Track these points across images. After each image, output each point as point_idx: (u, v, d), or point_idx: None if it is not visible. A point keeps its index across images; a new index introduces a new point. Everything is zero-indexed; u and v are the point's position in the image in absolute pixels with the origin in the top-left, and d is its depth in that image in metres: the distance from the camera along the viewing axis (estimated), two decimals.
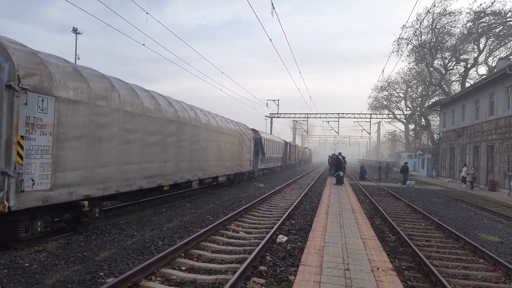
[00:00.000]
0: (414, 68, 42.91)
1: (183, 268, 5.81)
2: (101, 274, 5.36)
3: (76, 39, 29.46)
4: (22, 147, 5.67)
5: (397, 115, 56.05)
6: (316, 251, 6.30)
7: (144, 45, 14.07)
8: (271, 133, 46.64)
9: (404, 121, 56.43)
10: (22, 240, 6.20)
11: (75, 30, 29.53)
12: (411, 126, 57.18)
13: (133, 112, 8.71)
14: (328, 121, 49.49)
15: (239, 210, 10.57)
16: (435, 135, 44.07)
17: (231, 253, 6.86)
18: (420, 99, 51.65)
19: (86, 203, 7.04)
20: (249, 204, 11.82)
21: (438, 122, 43.12)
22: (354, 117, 48.03)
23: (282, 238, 7.76)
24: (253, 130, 24.24)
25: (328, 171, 32.17)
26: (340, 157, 21.82)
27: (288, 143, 42.11)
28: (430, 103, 46.34)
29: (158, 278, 5.31)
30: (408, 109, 56.89)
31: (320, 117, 50.57)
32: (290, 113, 51.29)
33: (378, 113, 58.30)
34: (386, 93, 57.48)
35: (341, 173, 20.78)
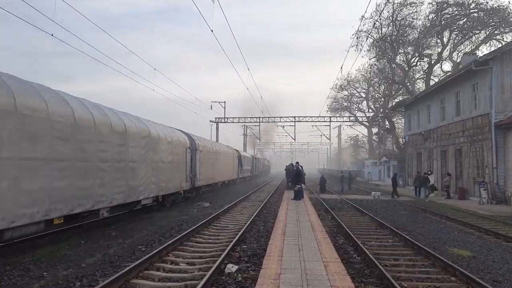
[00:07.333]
0: (375, 65, 45.11)
1: None
2: None
3: None
4: (200, 167, 23.30)
5: (359, 117, 58.56)
6: (272, 281, 6.32)
7: (53, 35, 13.39)
8: (217, 140, 46.90)
9: (367, 124, 59.00)
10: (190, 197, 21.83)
11: None
12: (375, 130, 59.96)
13: (214, 151, 27.19)
14: (283, 126, 50.61)
15: (180, 237, 10.36)
16: (400, 139, 46.56)
17: None
18: (383, 99, 54.35)
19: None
20: (191, 229, 11.64)
21: (403, 125, 45.57)
22: (312, 121, 49.41)
23: (231, 268, 7.71)
24: (236, 150, 40.94)
25: (285, 184, 32.69)
26: (299, 167, 22.36)
27: (254, 157, 59.37)
28: (393, 103, 48.99)
29: None
30: (370, 110, 59.70)
31: (274, 121, 51.54)
32: (239, 117, 51.71)
33: (338, 115, 60.63)
34: (346, 92, 59.94)
35: (302, 186, 21.35)
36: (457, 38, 39.31)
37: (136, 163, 13.43)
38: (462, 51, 38.92)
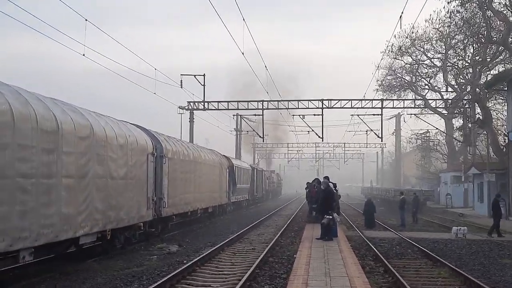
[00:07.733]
0: (458, 12, 44.72)
1: None
2: None
3: None
4: (169, 185, 25.03)
5: (430, 101, 57.98)
6: None
7: None
8: (191, 140, 47.09)
9: (445, 112, 58.57)
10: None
11: None
12: (457, 122, 59.74)
13: (190, 160, 29.10)
14: (303, 116, 50.28)
15: None
16: (500, 138, 46.73)
17: None
18: (471, 70, 53.98)
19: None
20: None
21: (506, 113, 45.45)
22: (351, 107, 49.45)
23: None
24: (225, 156, 44.17)
25: (307, 213, 33.47)
26: (330, 184, 22.95)
27: (255, 168, 64.11)
28: (489, 77, 48.87)
29: None
30: (450, 89, 59.28)
31: (288, 108, 51.26)
32: (228, 101, 51.64)
33: (395, 97, 59.82)
34: (410, 59, 59.75)
35: (336, 216, 21.86)
36: None
37: (73, 180, 14.16)
38: None
